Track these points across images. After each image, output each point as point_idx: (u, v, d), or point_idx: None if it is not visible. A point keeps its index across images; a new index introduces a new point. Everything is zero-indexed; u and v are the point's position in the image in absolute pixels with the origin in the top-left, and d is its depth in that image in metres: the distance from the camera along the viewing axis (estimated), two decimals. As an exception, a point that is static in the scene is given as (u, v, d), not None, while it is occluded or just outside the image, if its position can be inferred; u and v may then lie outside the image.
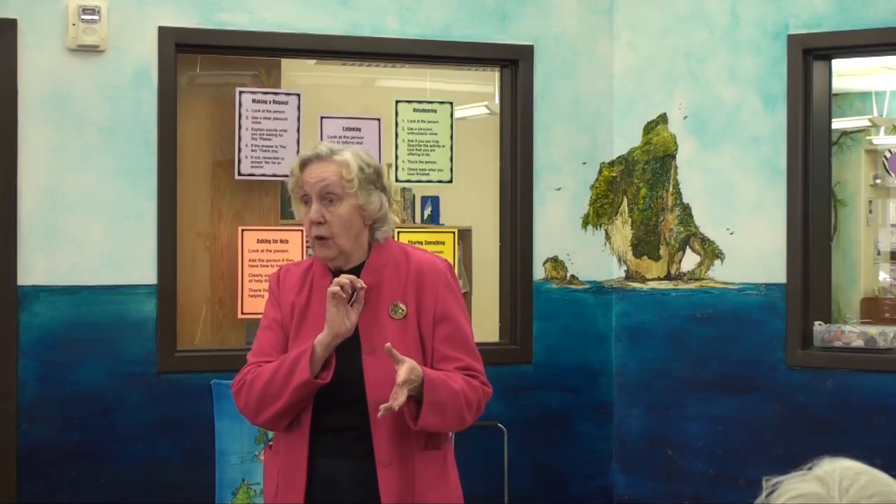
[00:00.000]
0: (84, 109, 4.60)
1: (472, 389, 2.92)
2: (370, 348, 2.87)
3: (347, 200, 2.88)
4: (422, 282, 2.93)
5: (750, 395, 4.93)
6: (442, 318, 2.93)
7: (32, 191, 4.53)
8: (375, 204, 2.92)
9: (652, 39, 5.18)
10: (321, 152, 2.91)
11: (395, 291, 2.92)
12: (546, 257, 5.17)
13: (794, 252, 4.85)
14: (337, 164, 2.89)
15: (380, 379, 2.83)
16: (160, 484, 4.62)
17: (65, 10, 4.55)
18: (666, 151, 5.14)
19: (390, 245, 2.99)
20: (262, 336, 3.00)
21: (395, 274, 2.94)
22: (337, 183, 2.87)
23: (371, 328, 2.89)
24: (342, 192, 2.87)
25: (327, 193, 2.87)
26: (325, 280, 2.92)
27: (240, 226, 4.91)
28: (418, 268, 2.95)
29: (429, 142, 5.12)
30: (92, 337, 4.57)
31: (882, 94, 7.92)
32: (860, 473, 1.36)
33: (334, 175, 2.87)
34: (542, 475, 5.14)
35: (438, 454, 2.96)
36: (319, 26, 4.87)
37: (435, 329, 2.92)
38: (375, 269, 2.93)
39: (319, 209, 2.87)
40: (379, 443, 2.84)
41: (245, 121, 4.85)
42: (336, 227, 2.87)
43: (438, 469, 2.95)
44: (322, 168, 2.89)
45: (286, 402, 2.84)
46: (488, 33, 5.08)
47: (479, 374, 2.97)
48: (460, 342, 2.95)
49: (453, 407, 2.85)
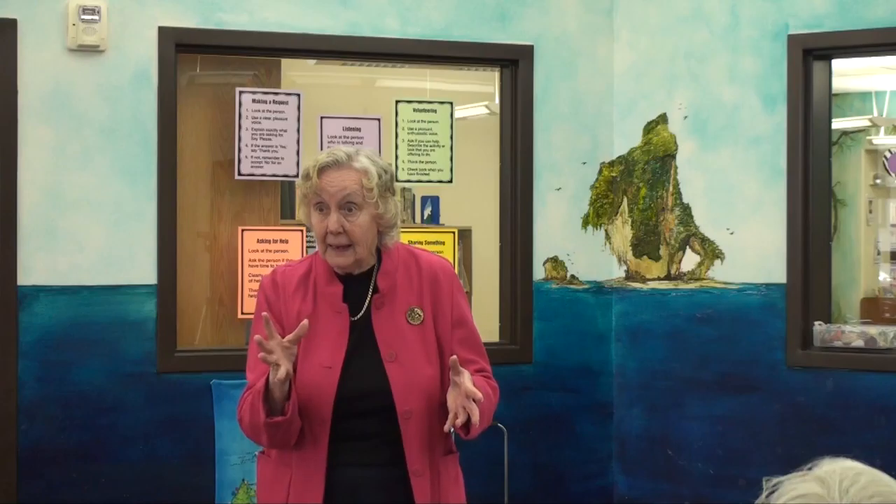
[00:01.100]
0: (84, 109, 4.60)
1: (494, 392, 2.91)
2: (392, 355, 2.81)
3: (367, 209, 2.79)
4: (437, 285, 2.89)
5: (750, 395, 4.93)
6: (459, 321, 2.90)
7: (32, 191, 4.53)
8: (392, 211, 2.85)
9: (652, 39, 5.18)
10: (340, 158, 2.79)
11: (409, 296, 2.87)
12: (546, 257, 5.17)
13: (794, 252, 4.85)
14: (357, 171, 2.78)
15: (405, 386, 2.79)
16: (160, 484, 4.62)
17: (65, 10, 4.55)
18: (666, 151, 5.14)
19: (397, 248, 2.93)
20: (253, 351, 2.84)
21: (406, 278, 2.88)
22: (358, 192, 2.77)
23: (389, 335, 2.83)
24: (363, 201, 2.78)
25: (348, 203, 2.78)
26: (334, 287, 2.85)
27: (240, 226, 4.91)
28: (430, 271, 2.90)
29: (429, 142, 5.11)
30: (92, 337, 4.57)
31: (882, 94, 7.92)
32: (860, 474, 1.36)
33: (355, 184, 2.77)
34: (542, 475, 5.14)
35: (456, 458, 2.96)
36: (319, 26, 4.87)
37: (453, 332, 2.89)
38: (388, 273, 2.87)
39: (339, 219, 2.77)
40: (411, 452, 2.79)
41: (245, 121, 4.85)
42: (356, 237, 2.78)
43: (456, 473, 2.95)
44: (342, 176, 2.78)
45: (271, 439, 2.77)
46: (488, 33, 5.08)
47: (491, 375, 2.96)
48: (475, 345, 2.94)
49: (489, 412, 2.84)
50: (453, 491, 2.91)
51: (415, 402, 2.75)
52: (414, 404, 2.75)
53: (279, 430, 2.73)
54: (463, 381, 2.68)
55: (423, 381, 2.81)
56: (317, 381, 2.78)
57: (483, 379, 2.87)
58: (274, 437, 2.76)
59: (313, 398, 2.78)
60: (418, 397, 2.76)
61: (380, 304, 2.85)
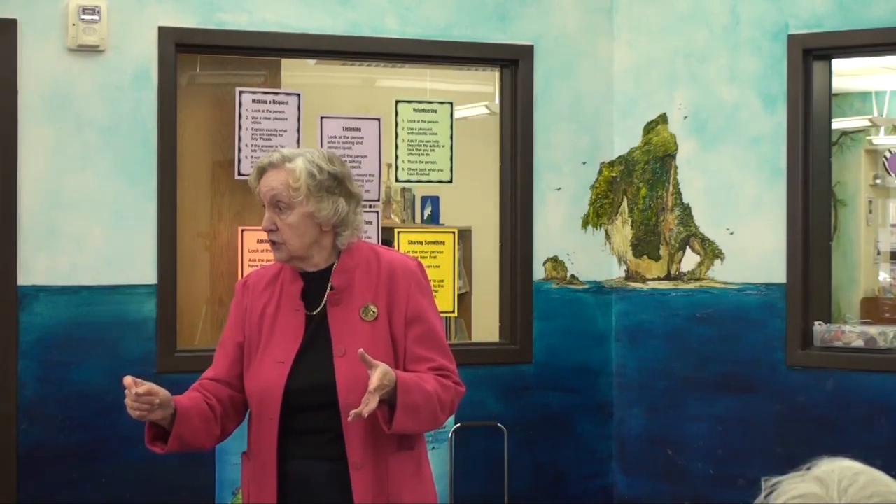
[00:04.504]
0: (84, 109, 4.60)
1: (444, 390, 2.91)
2: (342, 351, 2.88)
3: (297, 208, 2.89)
4: (393, 282, 2.94)
5: (750, 395, 4.93)
6: (414, 318, 2.93)
7: (32, 191, 4.53)
8: (327, 210, 2.90)
9: (652, 39, 5.18)
10: (273, 160, 2.93)
11: (365, 293, 2.93)
12: (546, 257, 5.17)
13: (794, 252, 4.85)
14: (286, 171, 2.90)
15: (352, 381, 2.83)
16: (160, 484, 4.62)
17: (65, 10, 4.55)
18: (666, 151, 5.14)
19: (360, 247, 2.99)
20: (216, 352, 3.06)
21: (365, 275, 2.95)
22: (284, 191, 2.89)
23: (342, 331, 2.90)
24: (289, 200, 2.89)
25: (277, 202, 2.90)
26: (295, 285, 2.96)
27: (240, 226, 4.90)
28: (389, 268, 2.95)
29: (429, 142, 5.11)
30: (92, 337, 4.57)
31: (882, 94, 7.92)
32: (859, 473, 1.35)
33: (282, 184, 2.89)
34: (542, 475, 5.14)
35: (413, 454, 2.96)
36: (319, 26, 4.87)
37: (407, 329, 2.93)
38: (345, 270, 2.94)
39: (271, 217, 2.91)
40: (351, 446, 2.84)
41: (245, 121, 4.85)
42: (285, 234, 2.90)
43: (414, 470, 2.95)
44: (273, 176, 2.91)
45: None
46: (488, 33, 5.08)
47: (452, 374, 2.97)
48: (433, 342, 2.96)
49: (427, 409, 2.85)
50: (414, 489, 2.93)
51: (359, 397, 2.76)
52: (358, 399, 2.76)
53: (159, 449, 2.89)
54: (371, 373, 2.74)
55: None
56: (268, 376, 2.90)
57: (430, 376, 2.89)
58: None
59: (265, 393, 2.90)
60: (363, 392, 2.76)
61: (335, 300, 2.92)
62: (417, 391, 2.82)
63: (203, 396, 2.93)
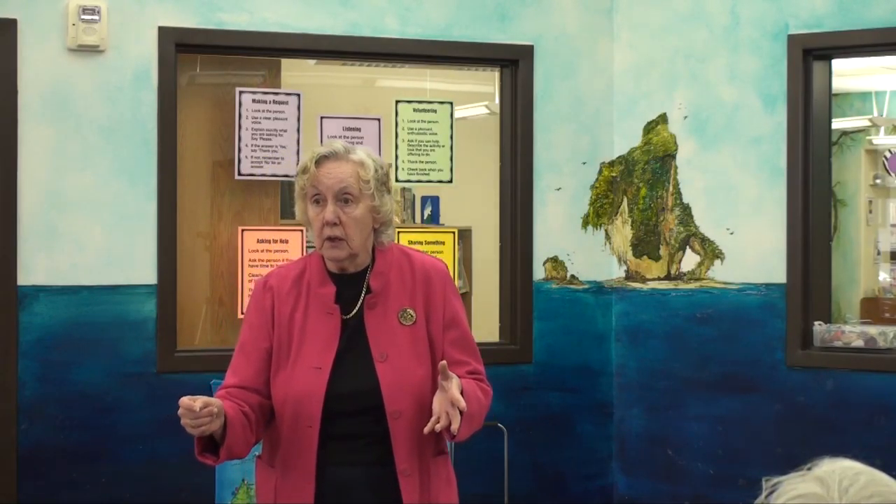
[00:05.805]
0: (84, 109, 4.60)
1: (485, 395, 2.91)
2: (383, 356, 2.82)
3: (363, 202, 2.80)
4: (430, 286, 2.89)
5: (750, 395, 4.93)
6: (451, 322, 2.90)
7: (32, 191, 4.53)
8: (388, 206, 2.85)
9: (652, 39, 5.18)
10: (337, 150, 2.81)
11: (401, 296, 2.87)
12: (546, 257, 5.17)
13: (794, 252, 4.85)
14: (354, 163, 2.80)
15: (395, 386, 2.79)
16: (160, 484, 4.62)
17: (65, 10, 4.55)
18: (666, 151, 5.14)
19: (391, 248, 2.93)
20: (235, 357, 2.90)
21: (399, 278, 2.89)
22: (354, 184, 2.78)
23: (381, 334, 2.84)
24: (359, 193, 2.79)
25: (344, 194, 2.78)
26: (326, 289, 2.85)
27: (240, 226, 4.91)
28: (424, 271, 2.91)
29: (429, 142, 5.12)
30: (92, 337, 4.57)
31: (882, 94, 7.92)
32: (860, 473, 1.35)
33: (352, 176, 2.79)
34: (542, 475, 5.14)
35: (446, 458, 2.96)
36: (319, 26, 4.87)
37: (445, 333, 2.89)
38: (381, 272, 2.87)
39: (335, 210, 2.78)
40: (399, 452, 2.80)
41: (245, 121, 4.85)
42: (350, 229, 2.79)
43: (447, 473, 2.95)
44: (339, 167, 2.79)
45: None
46: (488, 33, 5.08)
47: (484, 377, 2.96)
48: (468, 346, 2.94)
49: (479, 415, 2.85)
50: (445, 492, 2.92)
51: (404, 403, 2.75)
52: (403, 404, 2.75)
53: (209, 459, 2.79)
54: (450, 386, 2.68)
55: (413, 382, 2.81)
56: (306, 383, 2.80)
57: (474, 382, 2.87)
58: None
59: (302, 399, 2.79)
60: (408, 397, 2.76)
61: (372, 303, 2.85)
62: (474, 400, 2.80)
63: (237, 405, 2.79)
